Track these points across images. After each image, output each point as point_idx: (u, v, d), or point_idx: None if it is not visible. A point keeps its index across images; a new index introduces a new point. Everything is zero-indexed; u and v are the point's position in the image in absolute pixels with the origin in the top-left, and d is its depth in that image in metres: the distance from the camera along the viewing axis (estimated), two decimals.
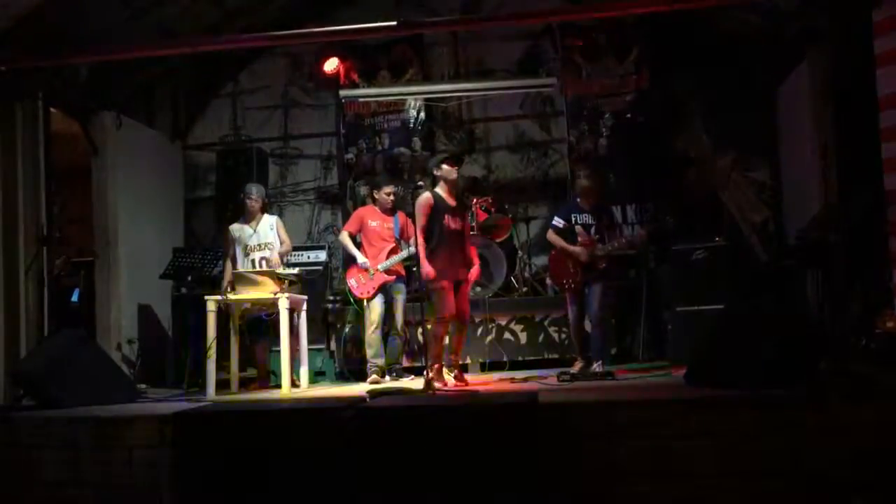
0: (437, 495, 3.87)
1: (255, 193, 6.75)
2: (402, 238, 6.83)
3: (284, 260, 6.80)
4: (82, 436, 4.66)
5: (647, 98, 8.39)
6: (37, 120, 6.83)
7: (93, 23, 6.73)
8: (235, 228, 6.78)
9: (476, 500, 3.85)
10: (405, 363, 7.17)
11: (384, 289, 6.78)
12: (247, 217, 6.76)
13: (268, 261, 6.59)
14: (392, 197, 6.89)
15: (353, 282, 6.81)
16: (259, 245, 6.70)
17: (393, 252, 6.81)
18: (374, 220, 6.90)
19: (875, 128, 5.39)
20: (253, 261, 6.66)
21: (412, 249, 6.41)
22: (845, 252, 5.80)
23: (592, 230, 6.39)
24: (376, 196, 7.01)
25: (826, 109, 6.45)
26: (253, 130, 9.22)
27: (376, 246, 6.82)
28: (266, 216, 6.85)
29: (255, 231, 6.73)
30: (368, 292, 6.74)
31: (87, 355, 5.74)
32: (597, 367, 6.21)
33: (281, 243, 6.76)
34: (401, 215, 6.95)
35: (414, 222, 6.07)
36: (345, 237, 6.95)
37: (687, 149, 8.38)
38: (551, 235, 6.49)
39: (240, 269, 6.59)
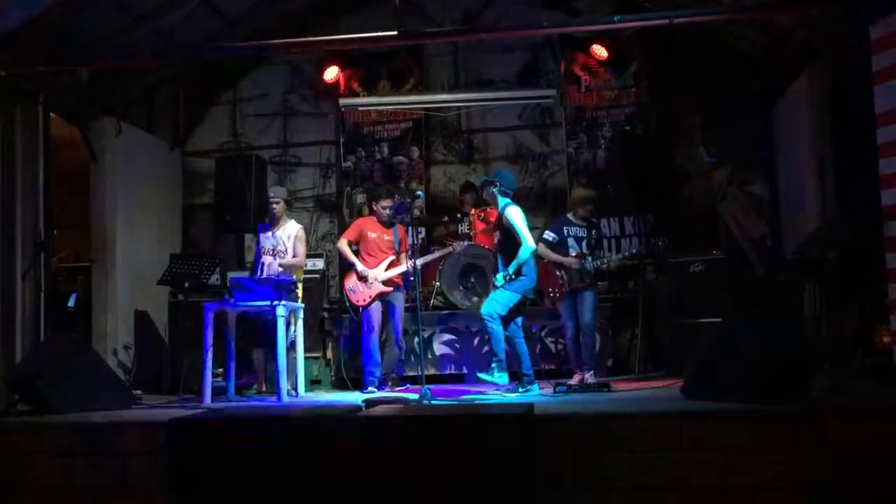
0: None
1: (273, 194, 6.78)
2: (400, 250, 6.83)
3: (291, 272, 6.72)
4: (77, 441, 4.65)
5: (646, 111, 8.42)
6: (36, 125, 6.85)
7: (94, 29, 6.75)
8: (262, 227, 6.84)
9: None
10: (402, 372, 7.16)
11: (382, 298, 6.78)
12: (271, 219, 6.78)
13: (269, 267, 6.61)
14: (388, 211, 6.87)
15: (351, 288, 6.80)
16: (273, 249, 6.70)
17: (393, 264, 6.80)
18: (373, 231, 6.88)
19: (873, 144, 5.41)
20: (263, 264, 6.69)
21: (411, 264, 6.43)
22: (842, 267, 5.82)
23: (584, 243, 6.42)
24: (374, 207, 7.01)
25: (824, 125, 6.48)
26: (252, 138, 9.24)
27: (375, 257, 6.80)
28: (291, 223, 6.83)
29: (273, 234, 6.74)
30: (365, 300, 6.72)
31: (83, 361, 5.73)
32: (588, 376, 6.21)
33: (294, 255, 6.74)
34: (399, 228, 6.95)
35: (408, 233, 6.30)
36: (343, 245, 6.94)
37: (685, 162, 8.41)
38: (542, 249, 6.49)
39: (257, 271, 6.67)
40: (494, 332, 5.92)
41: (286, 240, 6.72)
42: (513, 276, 5.95)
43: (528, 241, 5.95)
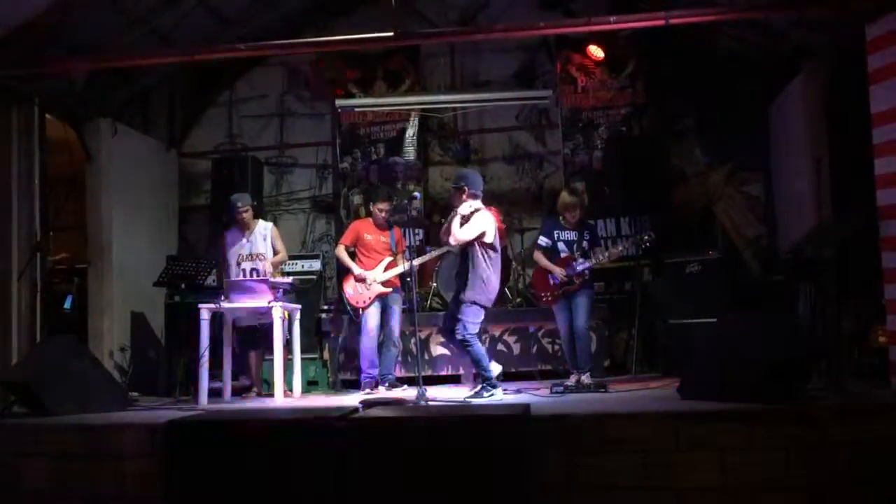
0: None
1: (241, 204, 6.71)
2: (397, 252, 6.83)
3: (279, 269, 6.76)
4: (73, 444, 4.64)
5: (642, 111, 8.43)
6: (32, 126, 6.84)
7: (90, 31, 6.74)
8: (231, 235, 6.78)
9: None
10: (399, 373, 7.15)
11: (380, 299, 6.77)
12: (241, 226, 6.75)
13: (258, 272, 6.60)
14: (384, 214, 6.86)
15: (350, 290, 6.79)
16: (251, 255, 6.69)
17: (390, 265, 6.80)
18: (370, 233, 6.87)
19: (868, 144, 5.42)
20: (244, 271, 6.65)
21: (408, 265, 6.43)
22: (838, 267, 5.82)
23: (574, 247, 6.42)
24: (371, 209, 7.01)
25: (820, 125, 6.49)
26: (248, 139, 9.24)
27: (372, 258, 6.80)
28: (260, 223, 6.84)
29: (247, 240, 6.72)
30: (364, 302, 6.72)
31: (79, 363, 5.71)
32: (584, 377, 6.22)
33: (275, 252, 6.75)
34: (396, 230, 6.94)
35: (405, 234, 6.42)
36: (340, 251, 6.92)
37: (681, 162, 8.42)
38: (536, 255, 6.54)
39: (231, 277, 6.60)
40: (475, 352, 5.77)
41: (262, 241, 6.72)
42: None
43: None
